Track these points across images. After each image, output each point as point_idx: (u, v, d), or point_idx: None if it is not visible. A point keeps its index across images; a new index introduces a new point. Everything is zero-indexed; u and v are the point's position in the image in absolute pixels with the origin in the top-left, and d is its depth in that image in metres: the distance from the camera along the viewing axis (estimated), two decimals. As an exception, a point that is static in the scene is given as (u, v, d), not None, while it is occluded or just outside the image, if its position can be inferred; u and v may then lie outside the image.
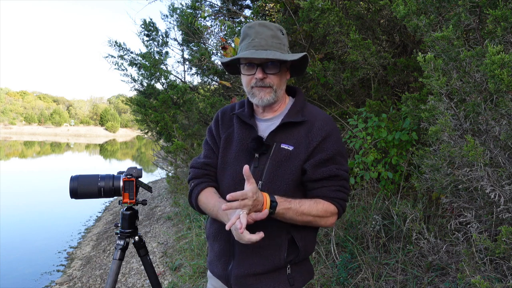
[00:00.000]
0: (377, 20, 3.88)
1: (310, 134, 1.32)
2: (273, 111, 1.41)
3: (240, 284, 1.35)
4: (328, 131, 1.32)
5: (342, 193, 1.33)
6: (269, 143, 1.33)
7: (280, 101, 1.40)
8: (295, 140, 1.33)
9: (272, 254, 1.32)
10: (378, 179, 3.39)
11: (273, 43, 1.30)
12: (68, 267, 5.42)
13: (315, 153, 1.30)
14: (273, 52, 1.28)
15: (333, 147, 1.32)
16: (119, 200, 1.75)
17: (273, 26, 1.33)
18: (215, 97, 6.16)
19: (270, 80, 1.32)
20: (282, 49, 1.32)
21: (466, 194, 2.05)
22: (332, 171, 1.30)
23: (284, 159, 1.31)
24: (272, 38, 1.31)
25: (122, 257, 1.76)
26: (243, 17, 5.48)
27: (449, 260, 2.35)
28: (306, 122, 1.35)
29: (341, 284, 2.76)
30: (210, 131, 1.52)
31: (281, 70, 1.33)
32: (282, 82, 1.37)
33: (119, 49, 7.37)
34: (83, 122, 77.59)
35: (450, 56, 1.86)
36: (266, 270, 1.32)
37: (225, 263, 1.39)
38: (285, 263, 1.33)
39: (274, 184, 1.30)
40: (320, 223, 1.32)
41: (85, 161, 23.19)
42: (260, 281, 1.32)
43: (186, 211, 6.10)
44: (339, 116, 4.23)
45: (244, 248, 1.32)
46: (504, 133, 1.70)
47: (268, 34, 1.31)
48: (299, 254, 1.34)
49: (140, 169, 1.71)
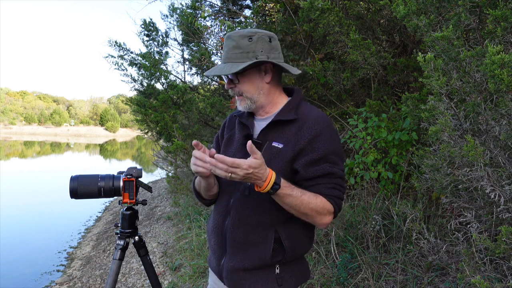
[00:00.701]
0: (377, 20, 3.88)
1: (300, 132, 1.32)
2: (266, 112, 1.43)
3: (230, 279, 1.36)
4: (319, 129, 1.30)
5: (337, 191, 1.31)
6: (260, 141, 1.35)
7: (271, 103, 1.41)
8: (285, 138, 1.33)
9: (258, 251, 1.32)
10: (378, 179, 3.39)
11: (232, 54, 1.33)
12: (68, 267, 5.42)
13: (305, 152, 1.29)
14: (228, 65, 1.32)
15: (324, 146, 1.30)
16: (119, 200, 1.74)
17: (237, 36, 1.33)
18: (215, 97, 6.16)
19: (239, 88, 1.37)
20: (244, 57, 1.32)
21: (466, 194, 2.05)
22: (325, 169, 1.29)
23: (273, 156, 1.32)
24: (233, 49, 1.33)
25: (122, 257, 1.76)
26: (243, 17, 5.48)
27: (449, 260, 2.35)
28: (297, 120, 1.34)
29: (341, 284, 2.76)
30: (216, 136, 1.61)
31: (248, 77, 1.35)
32: (260, 87, 1.37)
33: (119, 49, 7.36)
34: (83, 122, 77.60)
35: (450, 56, 1.86)
36: (254, 266, 1.32)
37: (218, 258, 1.42)
38: (272, 262, 1.32)
39: None
40: (315, 220, 1.30)
41: (85, 161, 23.20)
42: (249, 277, 1.33)
43: (186, 211, 6.10)
44: (339, 116, 4.23)
45: (234, 243, 1.34)
46: (504, 133, 1.70)
47: (230, 46, 1.34)
48: (286, 254, 1.32)
49: (140, 169, 1.71)
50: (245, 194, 1.33)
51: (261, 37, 1.34)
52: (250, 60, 1.31)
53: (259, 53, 1.33)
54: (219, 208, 1.43)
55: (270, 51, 1.34)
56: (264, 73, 1.37)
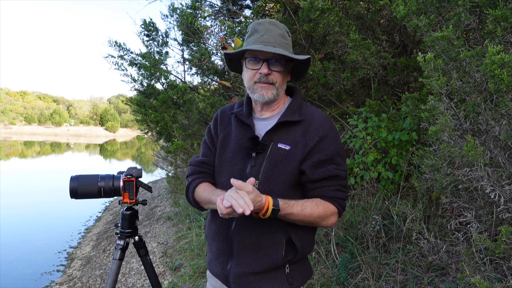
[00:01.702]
0: (377, 20, 3.88)
1: (307, 134, 1.32)
2: (271, 110, 1.41)
3: (239, 283, 1.35)
4: (326, 131, 1.32)
5: (341, 193, 1.33)
6: (266, 142, 1.33)
7: (279, 101, 1.41)
8: (292, 140, 1.33)
9: (270, 253, 1.32)
10: (378, 179, 3.39)
11: (281, 41, 1.33)
12: (68, 267, 5.42)
13: (313, 153, 1.30)
14: (281, 50, 1.30)
15: (331, 147, 1.31)
16: (119, 200, 1.74)
17: (282, 26, 1.37)
18: (215, 97, 6.17)
19: (274, 77, 1.33)
20: (288, 49, 1.35)
21: (466, 194, 2.05)
22: (331, 171, 1.30)
23: (281, 158, 1.31)
24: (280, 37, 1.34)
25: (122, 257, 1.76)
26: (243, 17, 5.48)
27: (449, 260, 2.35)
28: (303, 122, 1.35)
29: (341, 284, 2.76)
30: (208, 130, 1.54)
31: (285, 69, 1.35)
32: (284, 82, 1.39)
33: (119, 49, 7.37)
34: (83, 122, 77.59)
35: (450, 56, 1.86)
36: (264, 269, 1.32)
37: (223, 262, 1.39)
38: (284, 263, 1.32)
39: (270, 184, 1.30)
40: (321, 224, 1.33)
41: (85, 161, 23.19)
42: (259, 280, 1.32)
43: (186, 211, 6.10)
44: (339, 116, 4.23)
45: (242, 247, 1.33)
46: (504, 133, 1.70)
47: (277, 33, 1.34)
48: (297, 254, 1.34)
49: (140, 169, 1.71)
50: None
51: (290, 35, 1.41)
52: (290, 54, 1.32)
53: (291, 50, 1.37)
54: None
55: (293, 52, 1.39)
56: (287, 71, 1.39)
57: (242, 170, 1.34)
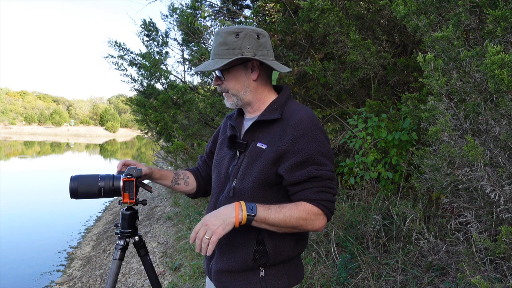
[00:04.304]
0: (377, 20, 3.88)
1: (284, 133, 1.26)
2: (254, 110, 1.40)
3: (217, 280, 1.37)
4: (303, 130, 1.24)
5: (326, 194, 1.24)
6: (244, 141, 1.34)
7: (260, 101, 1.38)
8: (269, 139, 1.29)
9: (240, 254, 1.30)
10: (378, 179, 3.39)
11: (219, 50, 1.31)
12: (68, 267, 5.42)
13: (288, 155, 1.24)
14: (213, 61, 1.30)
15: (309, 148, 1.23)
16: (119, 200, 1.74)
17: (225, 32, 1.30)
18: (215, 97, 6.17)
19: (225, 85, 1.35)
20: (230, 54, 1.29)
21: (466, 194, 2.05)
22: (311, 172, 1.23)
23: (257, 157, 1.29)
24: (220, 45, 1.31)
25: (122, 257, 1.76)
26: (243, 17, 5.48)
27: (449, 260, 2.35)
28: (281, 120, 1.30)
29: (341, 284, 2.76)
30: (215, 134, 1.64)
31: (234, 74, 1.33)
32: (245, 85, 1.34)
33: (119, 49, 7.36)
34: (83, 122, 77.61)
35: (450, 56, 1.86)
36: (238, 269, 1.31)
37: (209, 259, 1.44)
38: (256, 265, 1.29)
39: (244, 182, 1.30)
40: (307, 227, 1.25)
41: (85, 161, 23.20)
42: (235, 279, 1.33)
43: (186, 211, 6.11)
44: (339, 116, 4.23)
45: (220, 245, 1.35)
46: (504, 133, 1.70)
47: (217, 43, 1.32)
48: (269, 257, 1.28)
49: (140, 169, 1.71)
50: (230, 196, 1.32)
51: (249, 34, 1.29)
52: (236, 57, 1.28)
53: (246, 50, 1.28)
54: (208, 210, 1.42)
55: (258, 48, 1.30)
56: (250, 70, 1.33)
57: (227, 169, 1.39)
